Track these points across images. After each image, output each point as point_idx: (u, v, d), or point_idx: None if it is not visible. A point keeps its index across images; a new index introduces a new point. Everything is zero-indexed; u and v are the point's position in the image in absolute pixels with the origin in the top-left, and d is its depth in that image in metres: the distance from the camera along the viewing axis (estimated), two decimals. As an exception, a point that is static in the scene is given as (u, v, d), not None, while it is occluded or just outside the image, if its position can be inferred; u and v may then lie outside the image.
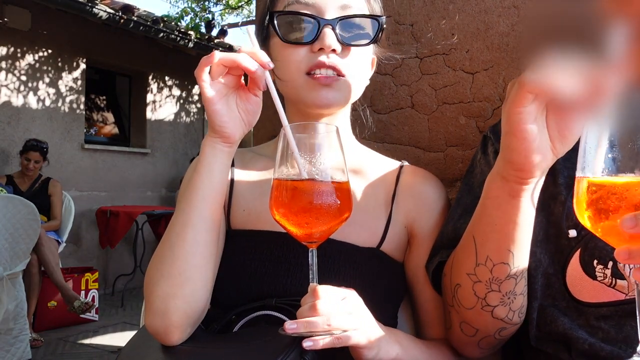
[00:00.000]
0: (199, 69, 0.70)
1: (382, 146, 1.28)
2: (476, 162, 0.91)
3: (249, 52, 0.69)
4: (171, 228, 0.77)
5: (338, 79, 0.83)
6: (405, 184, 0.93)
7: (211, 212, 0.76)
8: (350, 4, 0.84)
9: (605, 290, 0.72)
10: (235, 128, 0.74)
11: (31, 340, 3.57)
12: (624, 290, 0.71)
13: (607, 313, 0.72)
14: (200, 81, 0.70)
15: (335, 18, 0.82)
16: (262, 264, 0.83)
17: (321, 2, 0.83)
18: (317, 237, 0.68)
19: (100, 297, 4.79)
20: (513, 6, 1.12)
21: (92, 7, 5.07)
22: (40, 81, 5.34)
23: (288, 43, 0.84)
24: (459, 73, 1.18)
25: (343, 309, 0.67)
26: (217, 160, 0.76)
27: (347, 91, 0.86)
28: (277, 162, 0.68)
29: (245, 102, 0.75)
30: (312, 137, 0.67)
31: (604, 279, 0.72)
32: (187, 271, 0.75)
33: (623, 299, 0.71)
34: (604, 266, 0.72)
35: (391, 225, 0.89)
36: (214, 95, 0.71)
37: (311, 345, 0.66)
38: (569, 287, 0.76)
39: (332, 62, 0.82)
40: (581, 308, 0.74)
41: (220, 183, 0.77)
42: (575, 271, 0.75)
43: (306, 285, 0.69)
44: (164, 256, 0.76)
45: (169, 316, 0.74)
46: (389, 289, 0.88)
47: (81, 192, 5.53)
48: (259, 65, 0.69)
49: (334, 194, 0.65)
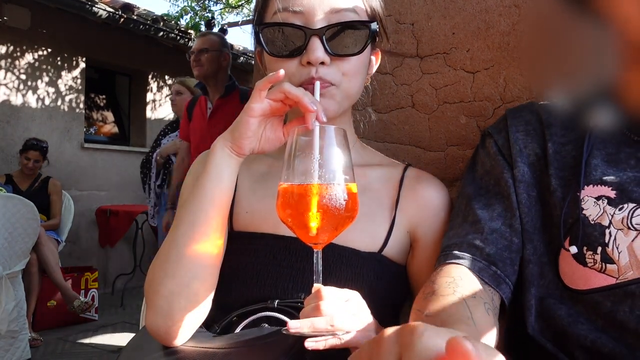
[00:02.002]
0: (265, 81, 0.72)
1: (383, 145, 1.28)
2: (477, 158, 0.92)
3: (316, 109, 0.71)
4: (178, 227, 0.77)
5: (329, 87, 0.81)
6: (409, 188, 0.92)
7: (218, 214, 0.77)
8: (341, 6, 0.81)
9: (596, 275, 0.73)
10: (250, 145, 0.76)
11: (30, 339, 3.56)
12: (615, 274, 0.71)
13: (600, 298, 0.72)
14: (258, 91, 0.72)
15: (323, 27, 0.79)
16: (265, 267, 0.83)
17: (310, 8, 0.80)
18: (323, 239, 0.68)
19: (100, 297, 4.79)
20: (514, 5, 1.11)
21: (91, 6, 5.07)
22: (40, 80, 5.33)
23: (276, 57, 0.83)
24: (459, 72, 1.18)
25: (346, 310, 0.67)
26: (225, 161, 0.76)
27: (341, 98, 0.84)
28: (284, 164, 0.68)
29: (272, 131, 0.76)
30: (320, 139, 0.67)
31: (594, 264, 0.73)
32: (193, 271, 0.75)
33: (615, 283, 0.72)
34: (594, 252, 0.73)
35: (394, 230, 0.89)
36: (257, 109, 0.73)
37: (314, 345, 0.65)
38: (561, 276, 0.77)
39: (320, 76, 0.79)
40: (575, 296, 0.75)
41: (228, 187, 0.77)
42: (567, 259, 0.76)
43: (308, 288, 0.69)
44: (169, 256, 0.76)
45: (172, 315, 0.74)
46: (390, 292, 0.88)
47: (81, 192, 5.53)
48: (315, 111, 0.70)
49: (342, 196, 0.65)
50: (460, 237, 0.80)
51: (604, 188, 0.75)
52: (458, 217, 0.85)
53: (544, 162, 0.82)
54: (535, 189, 0.82)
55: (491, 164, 0.86)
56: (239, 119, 0.75)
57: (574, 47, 0.99)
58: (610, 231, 0.72)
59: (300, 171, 0.65)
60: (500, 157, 0.85)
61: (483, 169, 0.88)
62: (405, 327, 0.38)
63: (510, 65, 1.12)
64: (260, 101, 0.72)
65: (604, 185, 0.75)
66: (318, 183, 0.64)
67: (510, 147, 0.84)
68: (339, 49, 0.81)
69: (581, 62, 0.98)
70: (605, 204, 0.74)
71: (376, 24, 0.84)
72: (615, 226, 0.72)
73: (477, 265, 0.75)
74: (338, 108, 0.85)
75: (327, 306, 0.65)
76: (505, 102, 1.12)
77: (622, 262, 0.71)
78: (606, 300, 0.72)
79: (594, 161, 0.77)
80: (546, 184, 0.80)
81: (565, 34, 1.01)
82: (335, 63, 0.81)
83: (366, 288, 0.81)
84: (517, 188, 0.81)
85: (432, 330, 0.37)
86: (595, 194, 0.75)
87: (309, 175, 0.65)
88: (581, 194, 0.75)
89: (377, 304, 0.76)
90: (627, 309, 0.70)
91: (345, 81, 0.83)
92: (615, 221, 0.72)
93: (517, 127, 0.86)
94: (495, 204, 0.82)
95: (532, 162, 0.83)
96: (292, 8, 0.80)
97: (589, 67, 0.93)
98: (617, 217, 0.72)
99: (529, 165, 0.83)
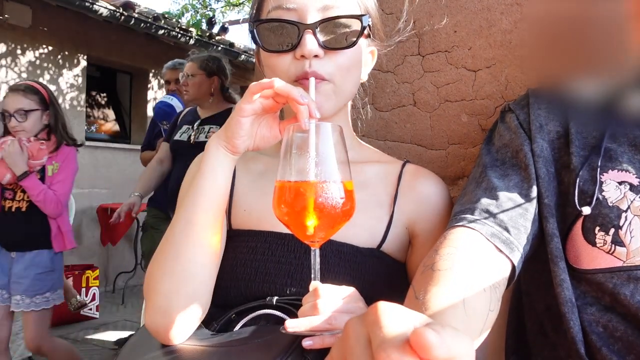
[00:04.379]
0: (257, 86, 0.72)
1: (384, 144, 1.27)
2: (495, 132, 0.91)
3: (307, 102, 0.70)
4: (175, 226, 0.78)
5: (323, 82, 0.81)
6: (407, 184, 0.92)
7: (214, 211, 0.77)
8: (333, 4, 0.82)
9: (603, 256, 0.73)
10: (244, 144, 0.76)
11: (32, 337, 3.57)
12: (622, 257, 0.72)
13: (603, 279, 0.72)
14: (250, 93, 0.72)
15: (316, 22, 0.80)
16: (263, 264, 0.83)
17: (303, 5, 0.81)
18: (320, 237, 0.67)
19: (101, 295, 4.80)
20: (516, 3, 1.11)
21: (92, 3, 5.06)
22: (41, 78, 5.33)
23: (271, 52, 0.83)
24: (461, 71, 1.18)
25: (344, 308, 0.66)
26: (219, 160, 0.77)
27: (336, 95, 0.84)
28: (280, 162, 0.67)
29: (267, 128, 0.77)
30: (317, 136, 0.66)
31: (604, 245, 0.73)
32: (191, 268, 0.75)
33: (620, 266, 0.72)
34: (605, 233, 0.73)
35: (392, 226, 0.88)
36: (248, 109, 0.73)
37: (312, 344, 0.65)
38: (566, 254, 0.77)
39: (313, 70, 0.80)
40: (577, 275, 0.75)
41: (224, 185, 0.78)
42: (576, 237, 0.76)
43: (306, 285, 0.69)
44: (167, 254, 0.77)
45: (170, 313, 0.74)
46: (389, 288, 0.87)
47: (82, 190, 5.53)
48: (306, 104, 0.69)
49: (339, 193, 0.64)
50: (473, 203, 0.78)
51: (628, 174, 0.75)
52: (471, 184, 0.84)
53: (565, 140, 0.81)
54: (553, 166, 0.81)
55: (510, 136, 0.85)
56: (231, 119, 0.76)
57: (579, 45, 0.99)
58: (627, 215, 0.73)
59: (296, 169, 0.65)
60: (521, 130, 0.84)
61: (501, 142, 0.87)
62: (369, 309, 0.38)
63: (512, 64, 1.11)
64: (250, 102, 0.73)
65: (628, 172, 0.75)
66: (314, 181, 0.64)
67: (530, 123, 0.84)
68: (331, 42, 0.82)
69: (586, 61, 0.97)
70: (627, 189, 0.74)
71: (368, 17, 0.84)
72: (633, 212, 0.73)
73: (489, 230, 0.73)
74: (333, 106, 0.85)
75: (325, 304, 0.65)
76: (506, 100, 1.12)
77: (633, 247, 0.71)
78: (608, 281, 0.72)
79: (620, 148, 0.77)
80: (566, 162, 0.80)
81: (568, 32, 1.01)
82: (329, 57, 0.82)
83: (365, 284, 0.80)
84: (536, 163, 0.80)
85: (397, 310, 0.37)
86: (619, 179, 0.75)
87: (305, 173, 0.64)
88: (604, 176, 0.75)
89: (375, 301, 0.76)
90: (629, 292, 0.70)
91: (339, 76, 0.83)
92: (633, 207, 0.73)
93: (539, 104, 0.86)
94: (512, 175, 0.81)
95: (552, 139, 0.82)
96: (286, 5, 0.82)
97: (594, 66, 0.93)
98: (637, 203, 0.73)
99: (549, 142, 0.82)
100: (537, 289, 0.85)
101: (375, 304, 0.37)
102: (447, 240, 0.73)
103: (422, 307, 0.60)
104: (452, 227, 0.75)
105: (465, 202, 0.80)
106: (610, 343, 0.72)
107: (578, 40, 0.94)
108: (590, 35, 0.90)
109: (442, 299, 0.61)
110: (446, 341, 0.32)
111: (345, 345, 0.38)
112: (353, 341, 0.38)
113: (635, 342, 0.70)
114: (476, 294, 0.64)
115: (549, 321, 0.82)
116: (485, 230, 0.73)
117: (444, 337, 0.32)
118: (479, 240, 0.72)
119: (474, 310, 0.63)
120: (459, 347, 0.32)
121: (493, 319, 0.67)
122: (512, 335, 0.95)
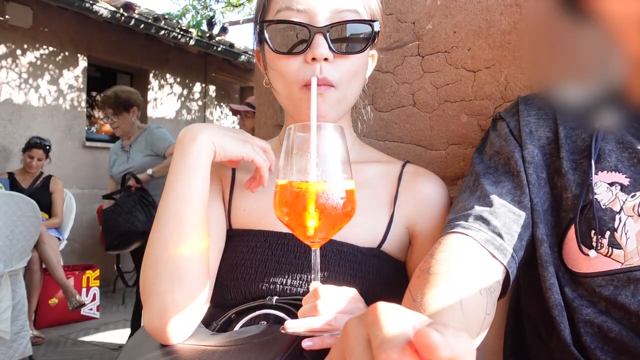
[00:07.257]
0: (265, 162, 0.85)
1: (384, 144, 1.27)
2: (487, 140, 0.92)
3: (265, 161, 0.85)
4: (164, 225, 0.78)
5: (329, 89, 0.81)
6: (407, 184, 0.92)
7: (194, 210, 0.78)
8: (343, 7, 0.81)
9: (601, 259, 0.73)
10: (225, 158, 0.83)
11: (32, 337, 3.58)
12: (620, 259, 0.72)
13: (603, 283, 0.72)
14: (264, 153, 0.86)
15: (327, 25, 0.79)
16: (263, 264, 0.83)
17: (313, 7, 0.80)
18: (321, 237, 0.67)
19: (102, 295, 4.80)
20: (515, 4, 1.11)
21: (93, 4, 5.07)
22: (42, 79, 5.34)
23: (280, 54, 0.82)
24: (460, 71, 1.18)
25: (344, 309, 0.66)
26: (208, 162, 0.80)
27: (340, 102, 0.84)
28: (281, 162, 0.67)
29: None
30: (318, 137, 0.66)
31: (601, 248, 0.73)
32: (184, 266, 0.75)
33: (619, 268, 0.72)
34: (602, 236, 0.73)
35: (392, 226, 0.89)
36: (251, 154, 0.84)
37: (311, 345, 0.65)
38: (564, 258, 0.77)
39: (324, 77, 0.79)
40: (577, 279, 0.75)
41: (207, 184, 0.81)
42: (572, 242, 0.76)
43: (306, 285, 0.69)
44: (156, 254, 0.77)
45: (167, 313, 0.74)
46: (389, 288, 0.88)
47: (82, 190, 5.54)
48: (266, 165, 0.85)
49: (339, 194, 0.64)
50: (467, 210, 0.78)
51: (618, 175, 0.75)
52: (465, 192, 0.84)
53: (555, 145, 0.82)
54: (544, 171, 0.81)
55: (501, 144, 0.86)
56: (243, 136, 0.85)
57: (575, 46, 0.99)
58: (621, 217, 0.73)
59: (297, 169, 0.65)
60: (512, 137, 0.85)
61: (492, 150, 0.88)
62: (368, 309, 0.38)
63: (511, 64, 1.12)
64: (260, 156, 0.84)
65: (618, 172, 0.75)
66: (315, 181, 0.64)
67: (520, 130, 0.84)
68: (342, 47, 0.81)
69: (583, 61, 0.97)
70: (618, 190, 0.74)
71: (378, 24, 0.84)
72: (626, 212, 0.72)
73: (483, 237, 0.73)
74: (337, 114, 0.85)
75: (324, 305, 0.65)
76: (506, 101, 1.12)
77: (629, 248, 0.71)
78: (609, 284, 0.72)
79: (607, 147, 0.77)
80: (557, 166, 0.80)
81: (565, 34, 1.01)
82: (336, 61, 0.81)
83: (365, 283, 0.81)
84: (527, 169, 0.80)
85: (397, 310, 0.37)
86: (609, 180, 0.75)
87: (306, 173, 0.64)
88: (594, 178, 0.75)
89: (375, 301, 0.76)
90: (629, 293, 0.70)
91: (345, 82, 0.83)
92: (626, 208, 0.73)
93: (528, 111, 0.86)
94: (504, 181, 0.82)
95: (542, 145, 0.83)
96: (296, 7, 0.80)
97: (591, 66, 0.93)
98: (629, 204, 0.73)
99: (540, 147, 0.82)
100: (533, 294, 0.85)
101: (374, 304, 0.37)
102: (442, 245, 0.73)
103: (420, 309, 0.60)
104: (447, 233, 0.75)
105: (459, 210, 0.80)
106: (604, 344, 0.72)
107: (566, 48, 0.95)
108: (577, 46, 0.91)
109: (440, 300, 0.62)
110: (449, 341, 0.32)
111: (345, 345, 0.38)
112: (352, 341, 0.38)
113: (630, 343, 0.70)
114: (473, 297, 0.65)
115: (543, 325, 0.82)
116: (479, 236, 0.73)
117: (447, 337, 0.32)
118: (473, 246, 0.73)
119: (471, 312, 0.63)
120: (461, 346, 0.32)
121: (489, 322, 0.67)
122: (511, 338, 0.95)
